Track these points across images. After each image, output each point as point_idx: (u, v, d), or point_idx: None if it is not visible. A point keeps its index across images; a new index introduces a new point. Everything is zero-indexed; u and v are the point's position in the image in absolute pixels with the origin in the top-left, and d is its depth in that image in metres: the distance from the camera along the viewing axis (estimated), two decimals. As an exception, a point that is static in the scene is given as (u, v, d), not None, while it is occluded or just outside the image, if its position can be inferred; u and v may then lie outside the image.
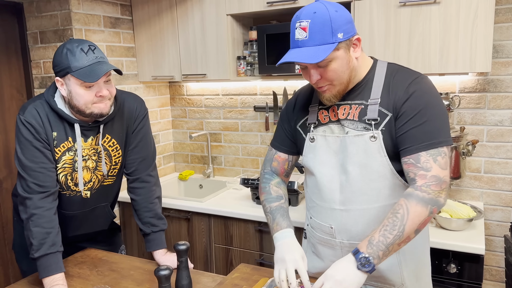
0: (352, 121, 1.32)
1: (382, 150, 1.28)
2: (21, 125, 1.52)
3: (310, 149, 1.43)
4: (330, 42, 1.21)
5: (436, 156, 1.22)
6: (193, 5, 2.57)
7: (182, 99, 3.14)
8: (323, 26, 1.21)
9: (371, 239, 1.17)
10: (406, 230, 1.17)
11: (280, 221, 1.41)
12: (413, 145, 1.23)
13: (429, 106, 1.24)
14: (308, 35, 1.21)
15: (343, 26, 1.23)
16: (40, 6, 2.50)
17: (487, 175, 2.27)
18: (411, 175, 1.23)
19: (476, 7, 1.89)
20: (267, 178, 1.57)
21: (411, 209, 1.18)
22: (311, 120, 1.43)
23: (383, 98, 1.29)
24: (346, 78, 1.29)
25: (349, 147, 1.32)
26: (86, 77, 1.41)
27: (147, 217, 1.72)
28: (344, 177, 1.35)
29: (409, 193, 1.21)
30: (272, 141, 1.59)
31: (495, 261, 2.30)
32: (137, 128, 1.72)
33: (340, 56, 1.24)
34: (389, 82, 1.30)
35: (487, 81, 2.20)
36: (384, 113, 1.29)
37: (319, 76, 1.27)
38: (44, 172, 1.53)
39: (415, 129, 1.23)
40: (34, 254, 1.49)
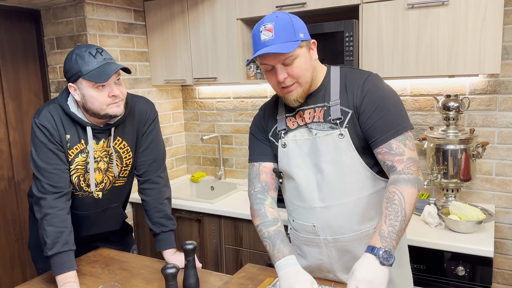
0: (318, 123, 1.41)
1: (350, 145, 1.37)
2: (36, 128, 1.58)
3: (283, 154, 1.47)
4: (294, 39, 1.31)
5: (404, 140, 1.33)
6: (204, 10, 2.61)
7: (194, 102, 3.19)
8: (286, 26, 1.31)
9: (381, 232, 1.21)
10: (407, 213, 1.25)
11: (281, 247, 1.38)
12: (382, 135, 1.33)
13: (385, 99, 1.36)
14: (274, 34, 1.30)
15: (302, 29, 1.35)
16: (56, 13, 2.58)
17: (498, 178, 2.25)
18: (389, 162, 1.33)
19: (485, 8, 1.88)
20: (260, 198, 1.50)
21: (404, 192, 1.26)
22: (280, 127, 1.49)
23: (342, 97, 1.39)
24: (309, 77, 1.37)
25: (320, 146, 1.39)
26: (97, 78, 1.47)
27: (157, 218, 1.77)
28: (320, 176, 1.41)
29: (395, 179, 1.30)
30: (250, 157, 1.57)
31: (507, 264, 2.27)
32: (148, 131, 1.76)
33: (303, 53, 1.34)
34: (344, 83, 1.40)
35: (497, 83, 2.19)
36: (345, 111, 1.38)
37: (286, 74, 1.34)
38: (57, 173, 1.59)
39: (379, 121, 1.33)
40: (47, 252, 1.54)
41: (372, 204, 1.40)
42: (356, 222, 1.40)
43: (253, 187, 1.53)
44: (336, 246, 1.44)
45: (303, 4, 2.27)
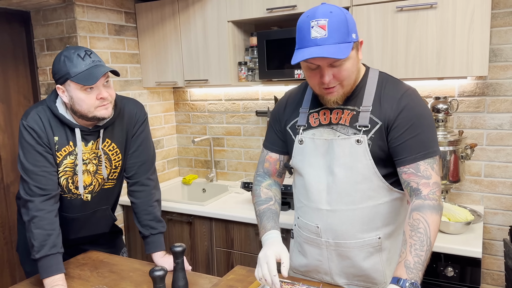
0: (344, 126, 1.37)
1: (367, 153, 1.33)
2: (24, 130, 1.57)
3: (298, 151, 1.46)
4: (348, 41, 1.24)
5: (433, 164, 1.29)
6: (195, 12, 2.61)
7: (186, 104, 3.18)
8: (341, 25, 1.23)
9: (407, 264, 1.17)
10: (432, 242, 1.22)
11: (265, 224, 1.44)
12: (410, 155, 1.29)
13: (421, 118, 1.31)
14: (327, 33, 1.22)
15: (354, 28, 1.28)
16: (46, 15, 2.57)
17: (487, 179, 2.27)
18: (414, 184, 1.28)
19: (472, 11, 1.90)
20: (258, 180, 1.60)
21: (429, 220, 1.23)
22: (300, 122, 1.46)
23: (375, 106, 1.34)
24: (353, 79, 1.33)
25: (336, 149, 1.36)
26: (85, 80, 1.46)
27: (146, 220, 1.76)
28: (331, 178, 1.38)
29: (420, 205, 1.25)
30: (264, 142, 1.63)
31: (496, 265, 2.29)
32: (137, 133, 1.76)
33: (353, 56, 1.28)
34: (380, 92, 1.35)
35: (486, 85, 2.21)
36: (375, 121, 1.33)
37: (332, 75, 1.28)
38: (45, 175, 1.58)
39: (411, 140, 1.29)
40: (35, 255, 1.53)
41: (380, 214, 1.38)
42: (360, 230, 1.38)
43: (257, 170, 1.63)
44: (337, 250, 1.43)
45: (294, 6, 2.28)
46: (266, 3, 2.36)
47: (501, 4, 2.11)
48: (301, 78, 2.31)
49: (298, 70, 2.32)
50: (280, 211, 1.55)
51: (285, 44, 2.34)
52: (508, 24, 2.11)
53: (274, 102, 2.77)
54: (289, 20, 2.54)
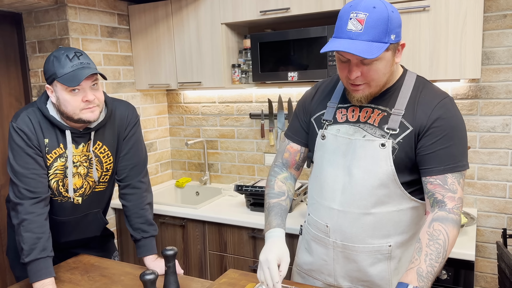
0: (372, 126, 1.32)
1: (389, 159, 1.29)
2: (14, 132, 1.55)
3: (320, 146, 1.43)
4: (384, 41, 1.19)
5: (459, 178, 1.27)
6: (189, 14, 2.61)
7: (179, 106, 3.17)
8: (380, 23, 1.17)
9: (419, 271, 1.15)
10: (447, 255, 1.21)
11: (271, 219, 1.43)
12: (440, 166, 1.25)
13: (456, 130, 1.27)
14: (363, 28, 1.17)
15: (397, 29, 1.22)
16: (38, 16, 2.55)
17: (480, 182, 2.27)
18: (439, 196, 1.26)
19: (465, 14, 1.91)
20: (275, 171, 1.56)
21: (450, 234, 1.21)
22: (327, 117, 1.41)
23: (408, 110, 1.29)
24: (383, 81, 1.28)
25: (358, 150, 1.32)
26: (68, 81, 1.45)
27: (137, 223, 1.74)
28: (348, 179, 1.35)
29: (443, 217, 1.23)
30: (286, 131, 1.58)
31: (489, 268, 2.29)
32: (129, 135, 1.74)
33: (387, 57, 1.23)
34: (415, 96, 1.31)
35: (479, 88, 2.22)
36: (406, 126, 1.29)
37: (359, 73, 1.24)
38: (35, 178, 1.56)
39: (441, 150, 1.25)
40: (24, 259, 1.51)
41: (392, 221, 1.34)
42: (370, 235, 1.35)
43: (276, 160, 1.59)
44: (344, 252, 1.39)
45: (287, 9, 2.28)
46: (259, 5, 2.36)
47: (493, 7, 2.12)
48: (295, 80, 2.31)
49: (291, 72, 2.31)
50: (288, 205, 1.51)
51: (279, 46, 2.34)
52: (500, 27, 2.12)
53: (268, 105, 2.76)
54: (283, 22, 2.54)
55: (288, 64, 2.32)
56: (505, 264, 1.88)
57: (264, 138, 2.84)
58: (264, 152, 2.87)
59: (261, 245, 2.30)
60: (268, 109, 2.77)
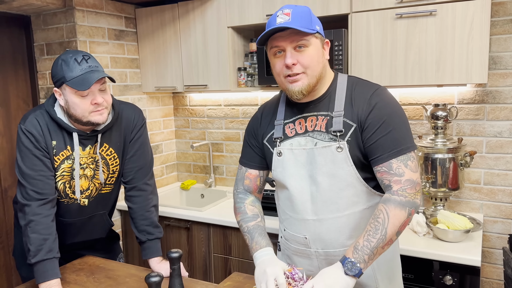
0: (320, 132, 1.37)
1: (348, 159, 1.33)
2: (22, 134, 1.57)
3: (278, 163, 1.44)
4: (311, 28, 1.29)
5: (406, 161, 1.30)
6: (195, 18, 2.62)
7: (185, 109, 3.18)
8: (304, 14, 1.30)
9: (356, 245, 1.22)
10: (388, 233, 1.24)
11: (259, 240, 1.42)
12: (383, 153, 1.29)
13: (392, 116, 1.32)
14: (291, 18, 1.27)
15: (319, 22, 1.34)
16: (46, 19, 2.58)
17: (487, 187, 2.26)
18: (386, 182, 1.30)
19: (472, 19, 1.91)
20: (241, 198, 1.56)
21: (391, 213, 1.25)
22: (277, 134, 1.45)
23: (347, 109, 1.35)
24: (318, 71, 1.33)
25: (317, 158, 1.35)
26: (78, 85, 1.46)
27: (143, 225, 1.75)
28: (315, 188, 1.38)
29: (387, 198, 1.28)
30: (241, 159, 1.60)
31: (496, 274, 2.27)
32: (135, 138, 1.75)
33: (317, 45, 1.32)
34: (351, 94, 1.36)
35: (485, 93, 2.21)
36: (349, 124, 1.33)
37: (295, 60, 1.29)
38: (43, 180, 1.57)
39: (382, 138, 1.29)
40: (31, 260, 1.52)
41: (365, 219, 1.38)
42: (348, 237, 1.39)
43: (237, 188, 1.60)
44: (327, 259, 1.42)
45: (293, 13, 2.28)
46: (265, 9, 2.37)
47: (501, 12, 2.11)
48: (301, 84, 2.30)
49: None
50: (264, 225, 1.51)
51: (285, 50, 2.34)
52: (508, 32, 2.11)
53: (273, 108, 2.77)
54: (289, 26, 2.55)
55: (294, 68, 2.32)
56: (511, 270, 1.87)
57: (270, 141, 2.84)
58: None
59: (265, 248, 2.29)
60: (273, 113, 2.77)
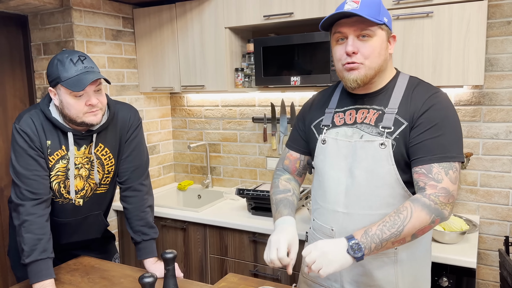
0: (368, 125, 1.35)
1: (390, 158, 1.30)
2: (16, 134, 1.56)
3: (321, 150, 1.45)
4: (379, 18, 1.27)
5: (448, 169, 1.24)
6: (193, 18, 2.62)
7: (182, 110, 3.18)
8: (373, 4, 1.27)
9: (367, 230, 1.20)
10: (404, 231, 1.20)
11: (282, 209, 1.45)
12: (426, 155, 1.25)
13: (446, 120, 1.27)
14: (359, 6, 1.26)
15: (388, 15, 1.32)
16: (44, 19, 2.57)
17: (483, 189, 2.26)
18: (421, 184, 1.25)
19: (468, 21, 1.91)
20: (278, 174, 1.62)
21: (415, 214, 1.21)
22: (325, 122, 1.45)
23: (401, 107, 1.32)
24: (378, 65, 1.31)
25: (358, 152, 1.34)
26: (73, 86, 1.46)
27: (138, 226, 1.75)
28: (350, 181, 1.36)
29: (416, 198, 1.24)
30: (287, 141, 1.65)
31: (492, 275, 2.27)
32: (130, 138, 1.75)
33: (382, 37, 1.30)
34: (408, 94, 1.34)
35: (482, 94, 2.21)
36: (400, 122, 1.31)
37: (356, 48, 1.28)
38: (37, 179, 1.57)
39: (430, 140, 1.25)
40: (25, 260, 1.52)
41: None
42: None
43: (277, 166, 1.66)
44: None
45: (291, 14, 2.28)
46: (263, 10, 2.37)
47: (497, 14, 2.12)
48: (298, 85, 2.31)
49: (294, 77, 2.31)
50: (297, 203, 1.54)
51: (282, 51, 2.34)
52: (504, 34, 2.11)
53: (271, 109, 2.77)
54: (286, 27, 2.55)
55: (291, 69, 2.33)
56: (507, 272, 1.87)
57: (267, 142, 2.84)
58: (266, 156, 2.87)
59: (262, 249, 2.29)
60: (270, 113, 2.77)
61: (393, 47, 1.35)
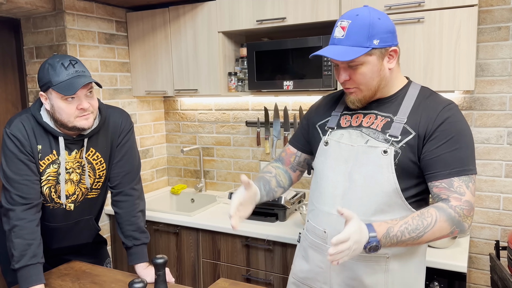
0: (375, 130, 1.36)
1: (391, 166, 1.30)
2: (7, 138, 1.56)
3: (322, 152, 1.46)
4: (364, 46, 1.27)
5: (468, 182, 1.26)
6: (186, 22, 2.62)
7: (176, 113, 3.18)
8: (361, 28, 1.27)
9: (389, 230, 1.19)
10: (423, 238, 1.22)
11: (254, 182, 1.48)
12: (445, 170, 1.26)
13: (461, 134, 1.28)
14: (345, 34, 1.28)
15: (382, 34, 1.28)
16: (36, 23, 2.57)
17: (474, 193, 2.27)
18: (443, 196, 1.26)
19: (459, 26, 1.92)
20: (271, 162, 1.67)
21: (438, 223, 1.21)
22: (331, 124, 1.47)
23: (411, 117, 1.32)
24: (374, 85, 1.33)
25: (360, 156, 1.35)
26: (64, 90, 1.46)
27: (129, 231, 1.74)
28: (348, 184, 1.36)
29: (442, 207, 1.23)
30: (290, 138, 1.69)
31: (483, 279, 2.28)
32: (122, 142, 1.75)
33: (372, 62, 1.29)
34: (419, 103, 1.34)
35: (473, 99, 2.22)
36: (408, 131, 1.31)
37: (347, 76, 1.32)
38: (28, 184, 1.56)
39: (447, 154, 1.26)
40: (14, 265, 1.51)
41: None
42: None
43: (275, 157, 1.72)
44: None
45: (283, 19, 2.29)
46: (256, 14, 2.37)
47: (488, 19, 2.13)
48: (290, 89, 2.31)
49: (287, 81, 2.32)
50: (276, 188, 1.56)
51: (275, 55, 2.35)
52: (495, 39, 2.13)
53: (264, 113, 2.77)
54: (279, 31, 2.56)
55: (284, 73, 2.33)
56: (497, 276, 1.88)
57: (260, 146, 2.84)
58: (259, 160, 2.87)
59: (254, 253, 2.29)
60: (264, 117, 2.77)
61: (395, 60, 1.34)
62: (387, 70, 1.33)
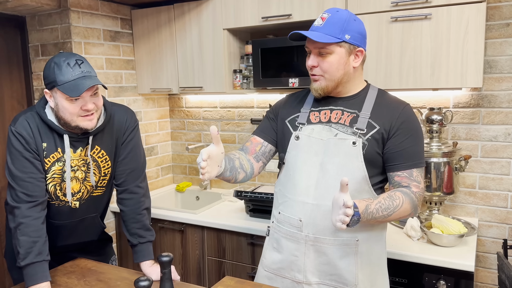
0: (343, 125, 1.49)
1: (360, 156, 1.44)
2: (12, 136, 1.56)
3: (293, 146, 1.55)
4: (337, 36, 1.42)
5: (421, 173, 1.49)
6: (191, 20, 2.61)
7: (181, 111, 3.17)
8: (337, 22, 1.42)
9: (367, 207, 1.34)
10: (390, 217, 1.39)
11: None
12: (407, 162, 1.45)
13: (418, 132, 1.49)
14: (323, 24, 1.43)
15: (353, 32, 1.44)
16: (41, 20, 2.57)
17: (482, 191, 2.25)
18: (405, 184, 1.45)
19: (467, 23, 1.90)
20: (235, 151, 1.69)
21: (404, 205, 1.40)
22: (301, 120, 1.57)
23: (374, 112, 1.48)
24: (337, 77, 1.46)
25: (331, 148, 1.47)
26: (69, 91, 1.45)
27: (134, 228, 1.74)
28: (322, 174, 1.47)
29: (406, 192, 1.42)
30: (255, 129, 1.73)
31: (490, 278, 2.26)
32: (127, 140, 1.74)
33: (340, 53, 1.44)
34: (380, 101, 1.51)
35: (481, 97, 2.20)
36: (373, 125, 1.47)
37: (316, 63, 1.46)
38: (33, 182, 1.56)
39: (410, 148, 1.45)
40: (20, 263, 1.51)
41: None
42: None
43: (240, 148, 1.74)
44: (315, 246, 1.49)
45: (289, 15, 2.28)
46: (261, 11, 2.36)
47: (496, 16, 2.11)
48: (296, 87, 2.30)
49: (292, 79, 2.31)
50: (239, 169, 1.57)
51: (280, 52, 2.34)
52: (503, 36, 2.11)
53: (269, 111, 2.76)
54: (285, 28, 2.54)
55: (289, 70, 2.32)
56: (505, 275, 1.86)
57: (265, 144, 2.83)
58: (264, 158, 2.86)
59: (259, 251, 2.28)
60: (269, 115, 2.76)
61: (360, 60, 1.47)
62: (352, 68, 1.47)
